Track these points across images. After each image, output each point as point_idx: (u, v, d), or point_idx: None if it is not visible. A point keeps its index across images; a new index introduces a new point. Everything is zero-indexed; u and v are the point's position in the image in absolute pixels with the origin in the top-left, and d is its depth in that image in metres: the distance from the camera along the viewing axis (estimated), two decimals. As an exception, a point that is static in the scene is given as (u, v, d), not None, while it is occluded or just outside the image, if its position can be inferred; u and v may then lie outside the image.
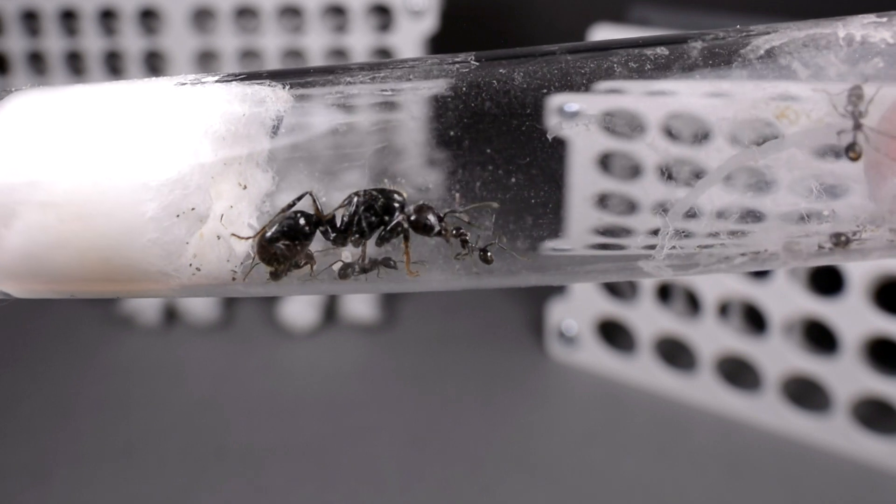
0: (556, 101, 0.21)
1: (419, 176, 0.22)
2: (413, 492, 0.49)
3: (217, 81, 0.20)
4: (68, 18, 0.69)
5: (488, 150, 0.21)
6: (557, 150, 0.21)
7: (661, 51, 0.20)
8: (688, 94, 0.20)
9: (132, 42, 0.67)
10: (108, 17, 0.68)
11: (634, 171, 0.49)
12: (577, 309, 0.59)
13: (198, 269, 0.20)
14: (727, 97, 0.20)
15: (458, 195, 0.21)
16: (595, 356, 0.59)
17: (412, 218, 0.21)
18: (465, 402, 0.57)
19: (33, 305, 0.69)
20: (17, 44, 0.70)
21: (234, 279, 0.20)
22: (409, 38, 0.64)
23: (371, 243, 0.21)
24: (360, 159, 0.21)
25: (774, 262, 0.20)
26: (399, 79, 0.21)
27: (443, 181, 0.21)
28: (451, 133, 0.21)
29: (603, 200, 0.21)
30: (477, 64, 0.20)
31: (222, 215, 0.20)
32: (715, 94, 0.20)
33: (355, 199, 0.21)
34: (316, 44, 0.65)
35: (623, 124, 0.21)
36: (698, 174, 0.20)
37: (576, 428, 0.54)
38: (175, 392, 0.58)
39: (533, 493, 0.49)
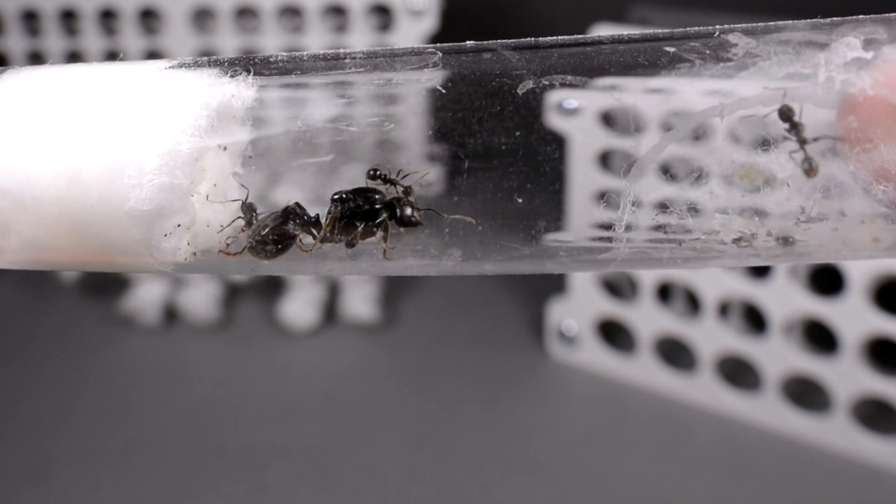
0: (555, 97, 0.21)
1: (407, 164, 0.22)
2: (413, 492, 0.49)
3: (174, 69, 0.21)
4: (68, 18, 0.69)
5: (472, 138, 0.21)
6: (550, 141, 0.21)
7: (633, 82, 0.20)
8: (688, 92, 0.20)
9: (132, 42, 0.67)
10: (108, 17, 0.68)
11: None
12: (577, 309, 0.59)
13: (193, 255, 0.21)
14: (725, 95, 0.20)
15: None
16: (595, 356, 0.59)
17: (397, 214, 0.21)
18: (465, 402, 0.57)
19: (33, 306, 0.69)
20: (17, 44, 0.70)
21: (227, 254, 0.21)
22: (409, 38, 0.64)
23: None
24: (333, 148, 0.22)
25: (723, 260, 0.20)
26: (370, 69, 0.21)
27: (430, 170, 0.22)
28: (442, 122, 0.21)
29: (602, 196, 0.21)
30: (440, 55, 0.21)
31: (207, 196, 0.21)
32: (713, 92, 0.20)
33: (337, 200, 0.21)
34: (316, 44, 0.65)
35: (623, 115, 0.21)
36: (699, 173, 0.20)
37: (576, 428, 0.54)
38: (175, 392, 0.58)
39: (533, 493, 0.49)
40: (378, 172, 0.22)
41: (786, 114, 0.20)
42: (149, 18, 0.68)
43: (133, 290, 0.66)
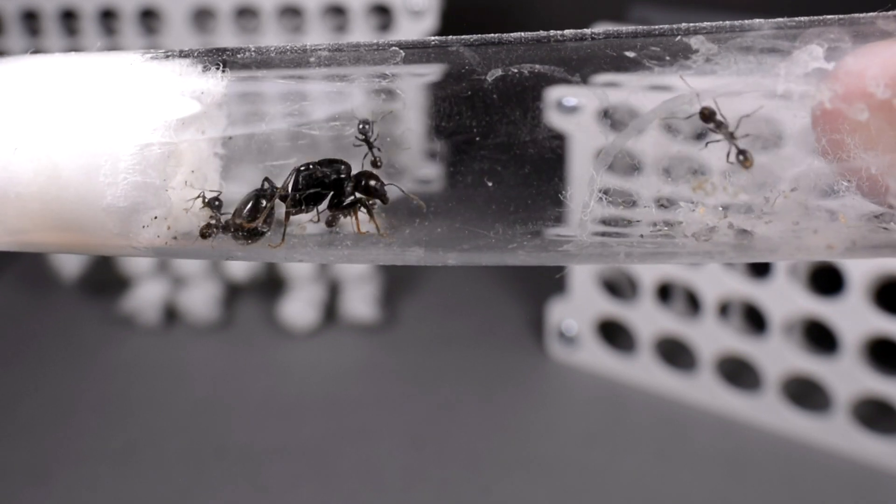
0: (555, 94, 0.21)
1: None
2: (413, 492, 0.49)
3: (147, 61, 0.21)
4: (68, 18, 0.69)
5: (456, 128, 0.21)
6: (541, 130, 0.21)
7: (586, 97, 0.20)
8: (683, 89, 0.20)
9: (132, 42, 0.67)
10: (108, 17, 0.68)
11: (634, 167, 0.49)
12: (577, 309, 0.59)
13: (174, 238, 0.21)
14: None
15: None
16: (595, 356, 0.59)
17: (362, 184, 0.21)
18: (465, 401, 0.57)
19: (33, 306, 0.69)
20: (17, 44, 0.70)
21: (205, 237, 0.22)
22: (409, 38, 0.64)
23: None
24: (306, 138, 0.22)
25: (681, 257, 0.20)
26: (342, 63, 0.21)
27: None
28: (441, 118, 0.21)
29: (604, 193, 0.21)
30: (402, 54, 0.21)
31: (186, 181, 0.21)
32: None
33: (298, 172, 0.22)
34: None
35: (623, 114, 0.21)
36: (697, 170, 0.20)
37: (576, 428, 0.54)
38: (175, 392, 0.58)
39: (533, 493, 0.49)
40: (366, 127, 0.22)
41: (707, 115, 0.20)
42: (149, 18, 0.68)
43: (133, 290, 0.66)
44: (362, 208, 0.22)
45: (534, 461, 0.51)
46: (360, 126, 0.22)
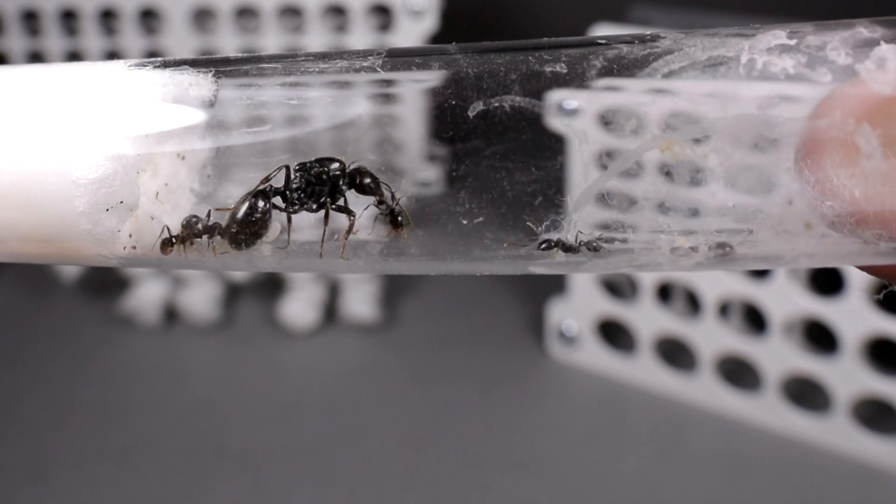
0: (555, 97, 0.21)
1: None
2: (413, 492, 0.49)
3: (138, 67, 0.21)
4: (68, 18, 0.69)
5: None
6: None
7: (560, 68, 0.20)
8: (687, 93, 0.20)
9: (132, 42, 0.67)
10: (108, 17, 0.68)
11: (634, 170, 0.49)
12: (577, 309, 0.59)
13: (133, 248, 0.21)
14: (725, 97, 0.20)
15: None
16: (595, 356, 0.59)
17: (356, 182, 0.21)
18: (465, 402, 0.57)
19: (33, 306, 0.69)
20: (17, 44, 0.70)
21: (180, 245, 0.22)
22: (409, 38, 0.64)
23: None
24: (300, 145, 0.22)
25: (658, 266, 0.20)
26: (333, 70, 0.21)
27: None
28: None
29: (603, 197, 0.21)
30: (383, 61, 0.21)
31: (157, 193, 0.21)
32: (712, 95, 0.20)
33: (289, 169, 0.21)
34: (316, 44, 0.65)
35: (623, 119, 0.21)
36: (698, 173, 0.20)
37: (576, 428, 0.54)
38: (175, 392, 0.58)
39: (533, 493, 0.49)
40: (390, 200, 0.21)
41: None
42: (149, 18, 0.68)
43: (133, 290, 0.66)
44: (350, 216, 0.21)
45: (534, 461, 0.51)
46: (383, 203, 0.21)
